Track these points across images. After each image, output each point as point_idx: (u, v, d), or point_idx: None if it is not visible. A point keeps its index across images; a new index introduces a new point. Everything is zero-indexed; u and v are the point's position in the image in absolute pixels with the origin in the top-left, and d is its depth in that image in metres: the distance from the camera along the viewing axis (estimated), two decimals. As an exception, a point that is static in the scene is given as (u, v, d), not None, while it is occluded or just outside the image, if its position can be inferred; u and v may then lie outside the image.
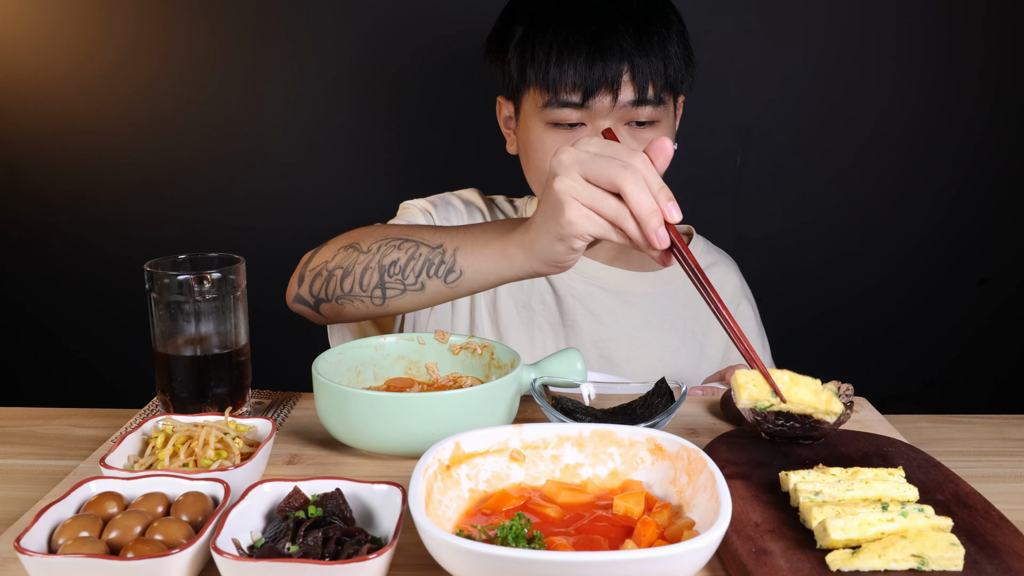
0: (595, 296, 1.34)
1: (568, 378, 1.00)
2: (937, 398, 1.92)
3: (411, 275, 1.00)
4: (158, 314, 0.97)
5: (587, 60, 1.12)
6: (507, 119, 1.29)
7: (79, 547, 0.66)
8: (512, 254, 0.93)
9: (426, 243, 1.00)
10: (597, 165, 0.83)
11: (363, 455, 0.94)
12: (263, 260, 1.48)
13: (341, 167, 1.81)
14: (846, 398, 0.93)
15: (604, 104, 1.14)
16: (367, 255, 1.03)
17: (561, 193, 0.84)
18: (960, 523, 0.75)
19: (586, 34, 1.12)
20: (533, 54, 1.15)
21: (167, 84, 1.76)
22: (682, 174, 1.25)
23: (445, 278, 0.99)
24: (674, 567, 0.62)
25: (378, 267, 1.02)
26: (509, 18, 1.21)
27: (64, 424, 1.06)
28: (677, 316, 1.36)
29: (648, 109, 1.16)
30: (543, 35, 1.15)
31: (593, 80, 1.12)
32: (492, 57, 1.25)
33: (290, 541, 0.68)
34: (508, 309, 1.33)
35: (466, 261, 0.97)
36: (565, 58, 1.13)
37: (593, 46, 1.12)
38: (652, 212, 0.81)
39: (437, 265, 0.98)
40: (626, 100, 1.14)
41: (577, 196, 0.84)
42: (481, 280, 0.98)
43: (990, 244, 1.85)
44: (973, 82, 1.75)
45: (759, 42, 1.73)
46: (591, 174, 0.83)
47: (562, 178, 0.84)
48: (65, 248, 1.85)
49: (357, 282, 1.04)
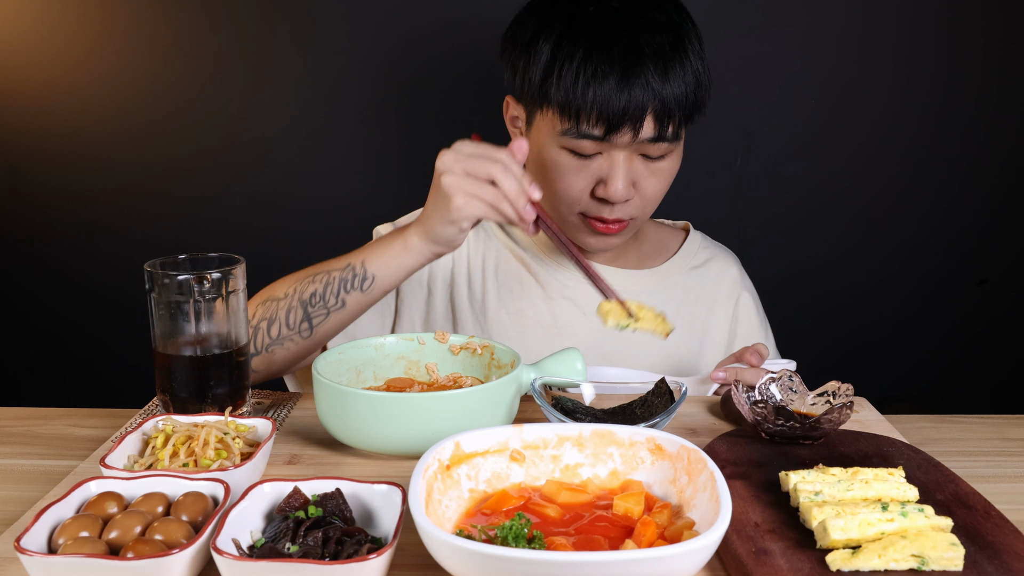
0: (590, 295, 1.34)
1: (568, 378, 1.00)
2: (937, 398, 1.92)
3: (331, 298, 1.12)
4: (158, 314, 0.97)
5: (614, 95, 1.12)
6: (514, 119, 1.28)
7: (79, 547, 0.66)
8: (411, 244, 1.09)
9: (335, 268, 1.13)
10: (473, 162, 1.02)
11: (363, 455, 0.94)
12: (263, 260, 1.47)
13: (341, 167, 1.81)
14: (846, 398, 0.93)
15: (624, 139, 1.15)
16: (286, 299, 1.15)
17: (448, 187, 1.02)
18: (960, 523, 0.75)
19: (615, 68, 1.12)
20: (560, 79, 1.15)
21: (167, 84, 1.76)
22: (682, 174, 1.25)
23: (361, 287, 1.12)
24: (674, 567, 0.62)
25: (300, 304, 1.14)
26: (536, 27, 1.19)
27: (64, 424, 1.06)
28: (675, 313, 1.36)
29: (663, 145, 1.17)
30: (571, 61, 1.14)
31: (617, 116, 1.13)
32: (509, 60, 1.23)
33: (290, 541, 0.68)
34: (499, 317, 1.33)
35: (374, 266, 1.11)
36: (592, 90, 1.13)
37: (621, 81, 1.12)
38: (519, 193, 1.02)
39: (351, 280, 1.12)
40: (645, 137, 1.15)
41: (461, 187, 1.02)
42: (392, 276, 1.11)
43: (990, 244, 1.85)
44: (973, 82, 1.75)
45: (759, 42, 1.73)
46: (470, 169, 1.02)
47: (447, 175, 1.03)
48: (65, 248, 1.85)
49: (283, 324, 1.14)
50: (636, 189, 1.20)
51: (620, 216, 1.21)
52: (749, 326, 1.40)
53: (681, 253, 1.41)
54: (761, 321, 1.42)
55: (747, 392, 0.95)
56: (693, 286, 1.38)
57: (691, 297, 1.38)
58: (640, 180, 1.20)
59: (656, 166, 1.20)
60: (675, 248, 1.42)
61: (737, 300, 1.40)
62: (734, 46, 1.72)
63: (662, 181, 1.22)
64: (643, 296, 1.35)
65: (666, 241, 1.43)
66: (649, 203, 1.23)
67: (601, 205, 1.21)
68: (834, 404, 0.94)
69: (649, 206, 1.24)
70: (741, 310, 1.40)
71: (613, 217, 1.21)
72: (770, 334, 1.42)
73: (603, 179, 1.18)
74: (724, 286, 1.40)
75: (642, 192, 1.21)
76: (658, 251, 1.41)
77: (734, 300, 1.40)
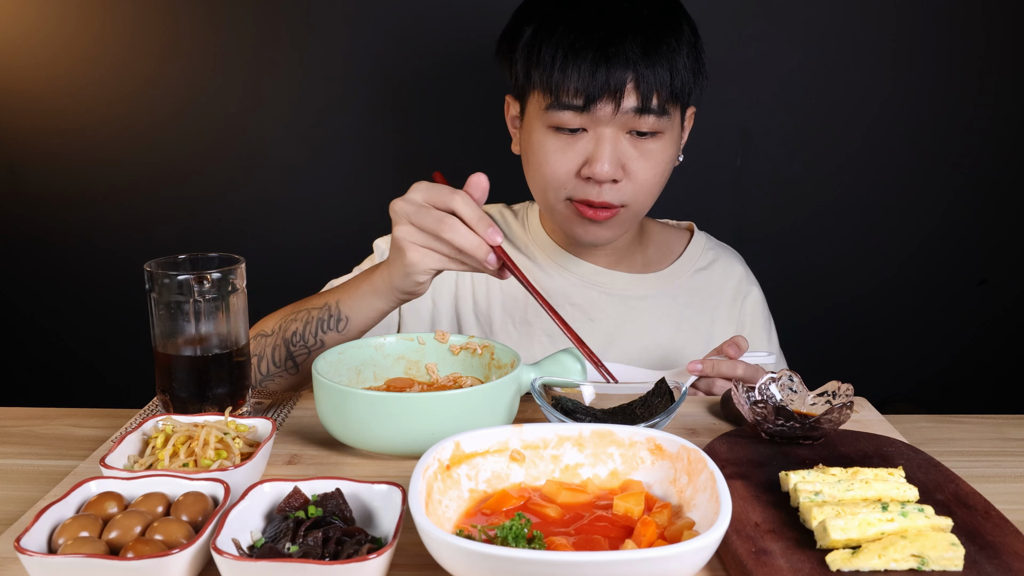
0: (594, 301, 1.34)
1: (568, 378, 1.00)
2: (937, 398, 1.92)
3: (310, 337, 1.15)
4: (158, 314, 0.97)
5: (591, 66, 1.12)
6: (513, 118, 1.29)
7: (79, 547, 0.66)
8: (379, 288, 1.09)
9: (315, 307, 1.16)
10: (421, 217, 0.99)
11: (363, 455, 0.94)
12: (263, 260, 1.48)
13: (341, 167, 1.81)
14: (846, 398, 0.93)
15: (606, 111, 1.14)
16: (272, 337, 1.18)
17: (400, 240, 1.01)
18: (960, 523, 0.75)
19: (593, 40, 1.12)
20: (539, 57, 1.15)
21: (167, 84, 1.76)
22: (682, 174, 1.25)
23: (337, 328, 1.14)
24: (674, 567, 0.62)
25: (283, 342, 1.17)
26: (520, 18, 1.21)
27: (64, 424, 1.06)
28: (680, 316, 1.36)
29: (651, 119, 1.15)
30: (550, 38, 1.15)
31: (596, 86, 1.12)
32: (501, 56, 1.25)
33: (290, 541, 0.68)
34: (506, 327, 1.34)
35: (347, 307, 1.12)
36: (570, 63, 1.13)
37: (599, 52, 1.12)
38: (476, 245, 0.98)
39: (327, 320, 1.14)
40: (629, 108, 1.14)
41: (414, 240, 1.00)
42: (364, 317, 1.13)
43: (990, 244, 1.85)
44: (973, 82, 1.75)
45: (759, 42, 1.73)
46: (420, 223, 0.99)
47: (399, 227, 1.01)
48: (65, 248, 1.85)
49: (270, 362, 1.18)
50: (626, 172, 1.18)
51: (609, 200, 1.19)
52: (755, 322, 1.40)
53: (686, 255, 1.40)
54: (766, 318, 1.42)
55: (747, 392, 0.95)
56: (698, 289, 1.38)
57: (696, 300, 1.37)
58: (629, 162, 1.18)
59: (645, 147, 1.18)
60: (680, 250, 1.42)
61: (745, 298, 1.40)
62: (734, 46, 1.72)
63: (653, 166, 1.19)
64: (649, 300, 1.35)
65: (671, 243, 1.43)
66: (641, 190, 1.20)
67: (588, 186, 1.19)
68: (834, 404, 0.94)
69: (642, 193, 1.21)
70: (749, 307, 1.40)
71: (600, 200, 1.18)
72: (773, 332, 1.42)
73: (589, 159, 1.17)
74: (730, 286, 1.40)
75: (632, 176, 1.18)
76: (663, 254, 1.41)
77: (741, 299, 1.40)
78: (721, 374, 1.11)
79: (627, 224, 1.26)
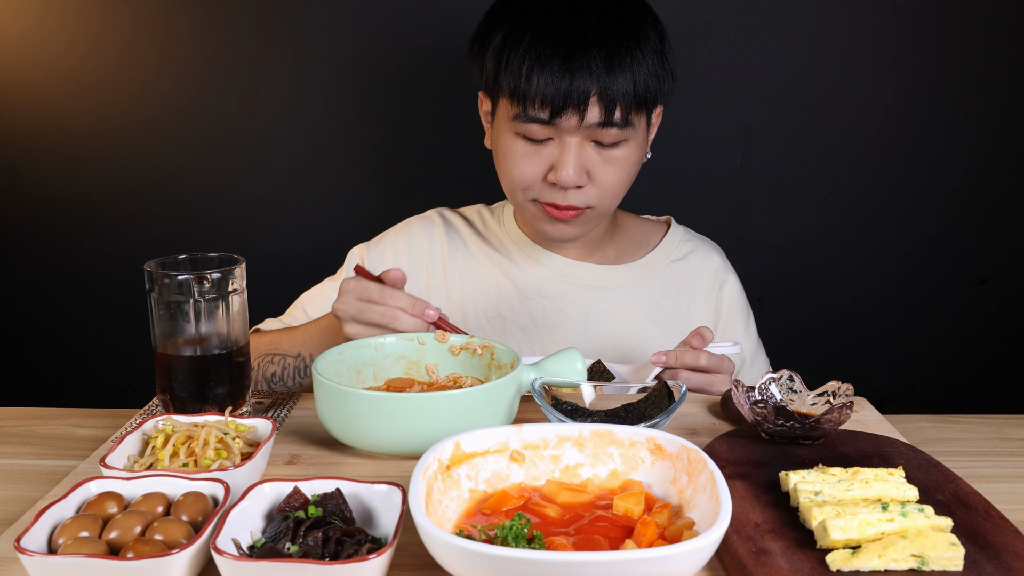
0: (565, 293, 1.35)
1: (568, 378, 1.00)
2: (937, 398, 1.92)
3: (288, 380, 1.27)
4: (158, 314, 0.97)
5: (556, 80, 1.13)
6: (486, 114, 1.31)
7: (79, 547, 0.66)
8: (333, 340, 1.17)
9: (289, 355, 1.27)
10: (366, 315, 1.08)
11: (363, 455, 0.94)
12: (263, 260, 1.47)
13: (341, 167, 1.81)
14: (846, 398, 0.93)
15: (571, 122, 1.16)
16: (253, 372, 1.27)
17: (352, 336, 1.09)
18: (960, 523, 0.75)
19: (560, 51, 1.13)
20: (507, 65, 1.17)
21: (167, 84, 1.76)
22: (682, 174, 1.25)
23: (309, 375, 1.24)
24: (674, 567, 0.62)
25: (264, 379, 1.28)
26: (491, 22, 1.22)
27: (64, 424, 1.06)
28: (655, 306, 1.36)
29: (614, 131, 1.17)
30: (518, 47, 1.16)
31: (560, 100, 1.14)
32: (473, 56, 1.26)
33: (290, 541, 0.68)
34: (481, 324, 1.36)
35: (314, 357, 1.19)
36: (535, 73, 1.14)
37: (564, 64, 1.13)
38: (418, 326, 1.08)
39: (301, 369, 1.26)
40: (592, 121, 1.16)
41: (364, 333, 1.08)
42: None
43: (990, 244, 1.85)
44: (973, 82, 1.75)
45: (759, 42, 1.73)
46: (366, 320, 1.08)
47: (348, 326, 1.09)
48: (65, 248, 1.85)
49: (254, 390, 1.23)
50: (591, 178, 1.20)
51: (574, 203, 1.21)
52: (732, 312, 1.40)
53: (661, 247, 1.41)
54: (743, 307, 1.42)
55: (747, 392, 0.95)
56: (673, 279, 1.39)
57: (671, 290, 1.38)
58: (594, 168, 1.20)
59: (610, 154, 1.20)
60: (655, 242, 1.42)
61: (721, 287, 1.40)
62: (734, 46, 1.72)
63: (618, 171, 1.21)
64: (620, 291, 1.36)
65: (647, 235, 1.43)
66: (607, 193, 1.22)
67: (554, 191, 1.21)
68: (834, 404, 0.94)
69: (608, 196, 1.23)
70: (725, 296, 1.40)
71: (565, 204, 1.21)
72: (751, 322, 1.42)
73: (555, 165, 1.19)
74: (706, 277, 1.40)
75: (597, 181, 1.21)
76: (637, 246, 1.41)
77: (717, 288, 1.40)
78: (685, 364, 1.12)
79: (594, 222, 1.28)
